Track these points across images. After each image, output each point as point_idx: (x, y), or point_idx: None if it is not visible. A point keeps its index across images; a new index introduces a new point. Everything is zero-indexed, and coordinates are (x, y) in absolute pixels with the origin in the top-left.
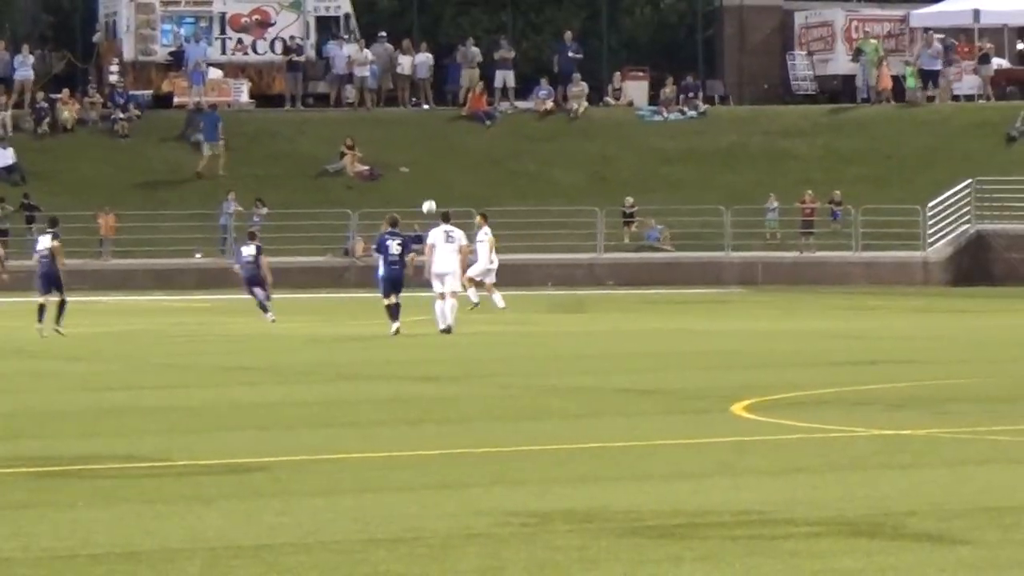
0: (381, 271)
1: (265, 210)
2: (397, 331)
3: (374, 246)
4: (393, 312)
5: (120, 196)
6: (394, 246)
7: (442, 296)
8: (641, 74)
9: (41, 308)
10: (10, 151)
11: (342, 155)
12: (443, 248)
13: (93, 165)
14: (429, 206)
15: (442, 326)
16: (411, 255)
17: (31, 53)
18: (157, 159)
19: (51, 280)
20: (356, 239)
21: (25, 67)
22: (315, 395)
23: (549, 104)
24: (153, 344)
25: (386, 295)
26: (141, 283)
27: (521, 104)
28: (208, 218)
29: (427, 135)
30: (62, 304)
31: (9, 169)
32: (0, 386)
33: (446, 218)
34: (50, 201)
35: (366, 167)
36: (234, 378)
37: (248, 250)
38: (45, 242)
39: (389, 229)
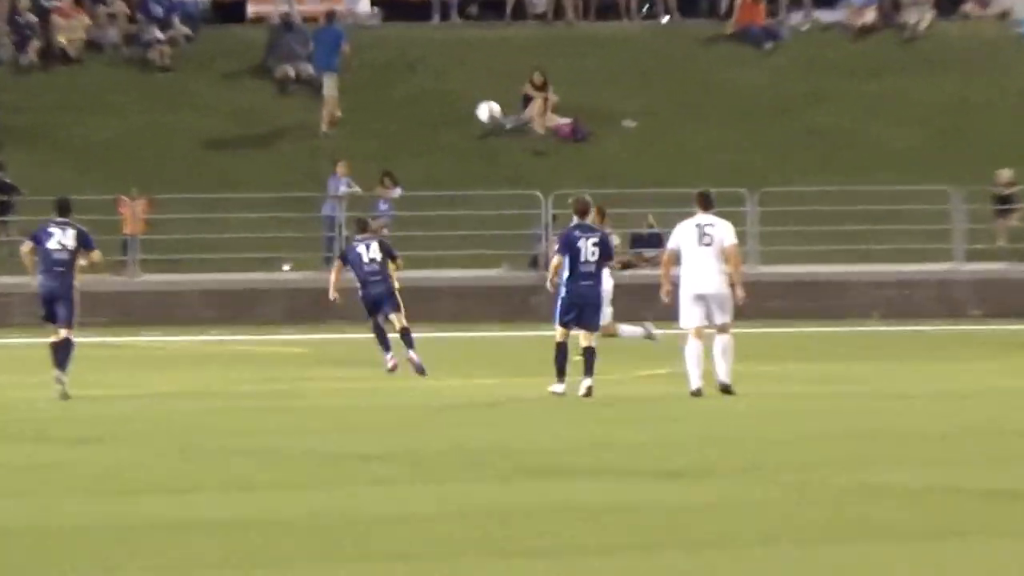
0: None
1: (398, 191)
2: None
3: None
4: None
5: (156, 169)
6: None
7: (698, 333)
8: None
9: (56, 347)
10: None
11: (526, 100)
12: (696, 253)
13: (111, 118)
14: (489, 109)
15: (721, 379)
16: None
17: None
18: (218, 107)
19: (61, 300)
20: (550, 240)
21: None
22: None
23: (870, 16)
24: (207, 419)
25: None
26: (191, 314)
27: (824, 15)
28: (302, 205)
29: (666, 66)
30: (67, 345)
31: None
32: None
33: (706, 203)
34: (36, 177)
35: (565, 120)
36: (366, 474)
37: (369, 251)
38: (63, 238)
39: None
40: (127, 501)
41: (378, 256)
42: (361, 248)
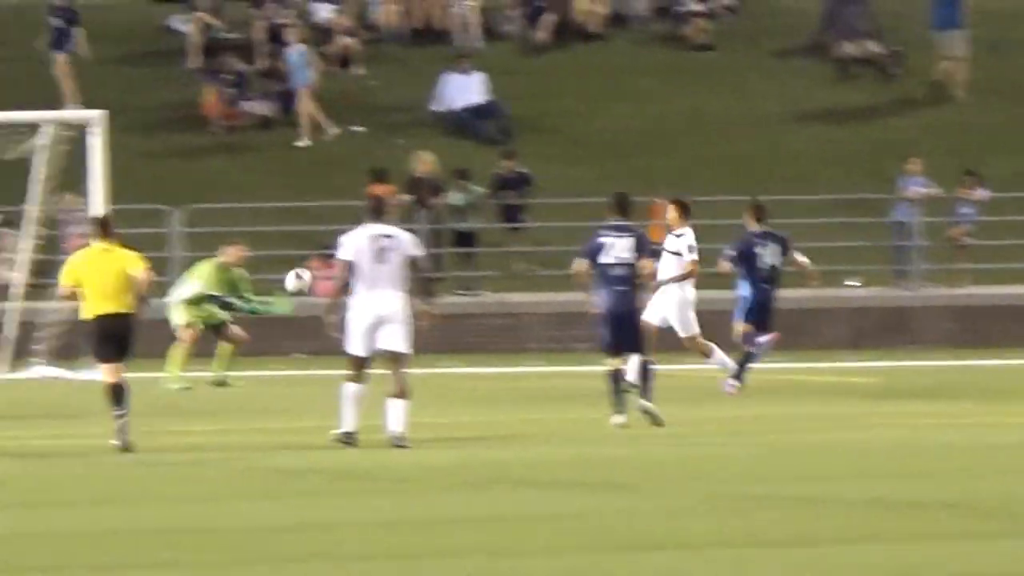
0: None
1: (986, 192)
2: None
3: None
4: None
5: (695, 167)
6: None
7: None
8: None
9: (614, 376)
10: (476, 79)
11: None
12: None
13: (640, 105)
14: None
15: None
16: None
17: None
18: (766, 92)
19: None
20: None
21: None
22: None
23: None
24: (753, 464)
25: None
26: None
27: None
28: (867, 209)
29: None
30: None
31: (480, 113)
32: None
33: None
34: (548, 174)
35: None
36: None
37: None
38: (623, 248)
39: None
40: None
41: None
42: None
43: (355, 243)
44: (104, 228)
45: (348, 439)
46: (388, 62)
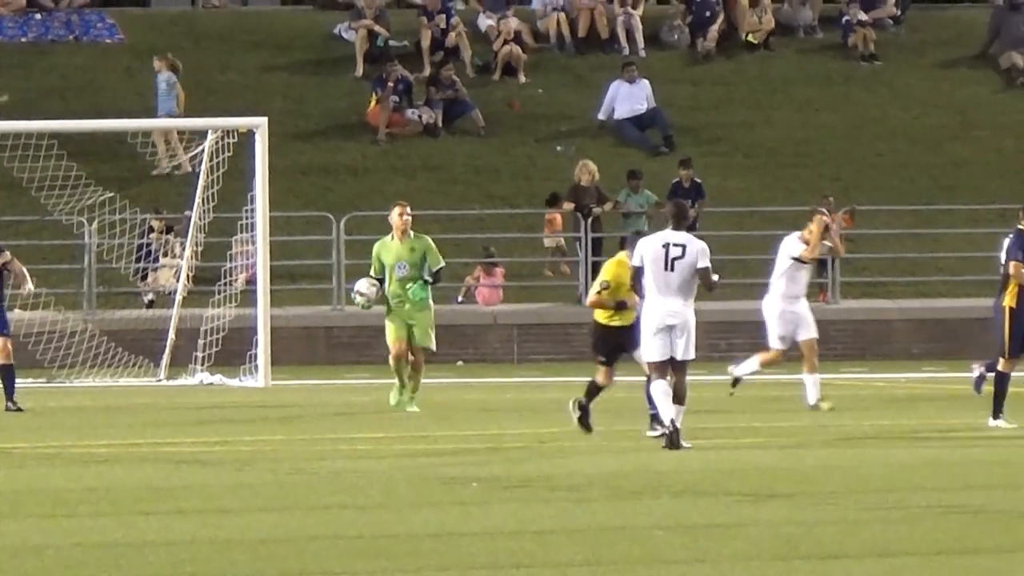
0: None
1: None
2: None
3: None
4: None
5: (860, 177)
6: None
7: None
8: None
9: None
10: (643, 87)
11: None
12: None
13: (805, 115)
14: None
15: None
16: None
17: None
18: (933, 102)
19: None
20: None
21: None
22: None
23: None
24: (911, 473)
25: None
26: (899, 347)
27: None
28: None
29: None
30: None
31: (641, 121)
32: (628, 551)
33: None
34: (713, 184)
35: None
36: None
37: None
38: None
39: None
40: (817, 569)
41: None
42: None
43: (645, 249)
44: None
45: (673, 429)
46: (553, 71)
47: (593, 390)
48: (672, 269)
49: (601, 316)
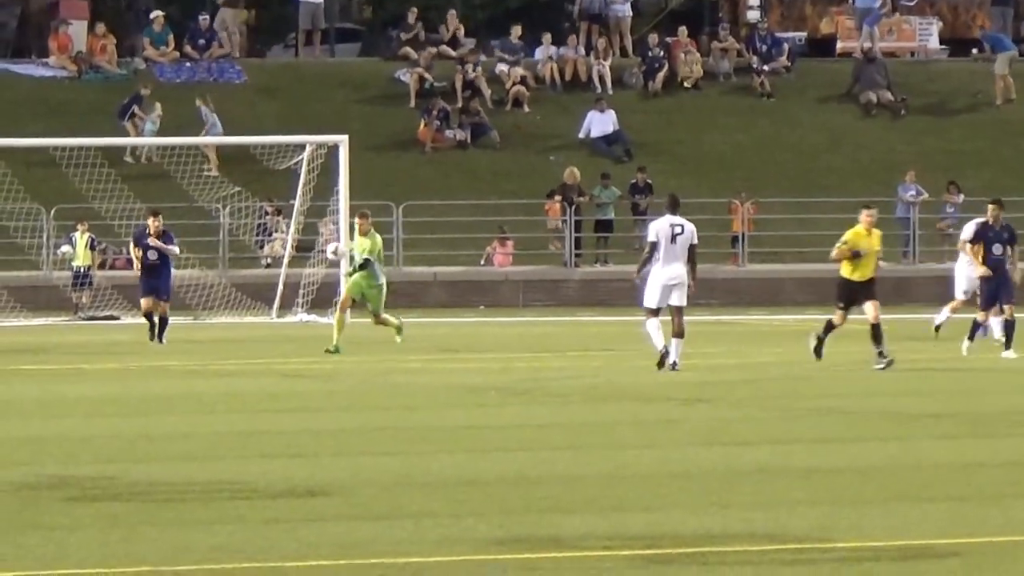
0: None
1: (961, 198)
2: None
3: None
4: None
5: (762, 178)
6: None
7: None
8: None
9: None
10: (610, 115)
11: None
12: None
13: (724, 135)
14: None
15: None
16: None
17: None
18: (813, 127)
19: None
20: None
21: (621, 2)
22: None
23: None
24: (807, 381)
25: None
26: (790, 297)
27: None
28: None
29: None
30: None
31: (609, 139)
32: (601, 439)
33: None
34: (664, 183)
35: None
36: (923, 430)
37: None
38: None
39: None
40: (733, 452)
41: None
42: None
43: (657, 228)
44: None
45: (665, 352)
46: (548, 104)
47: (829, 327)
48: (675, 242)
49: (845, 271)
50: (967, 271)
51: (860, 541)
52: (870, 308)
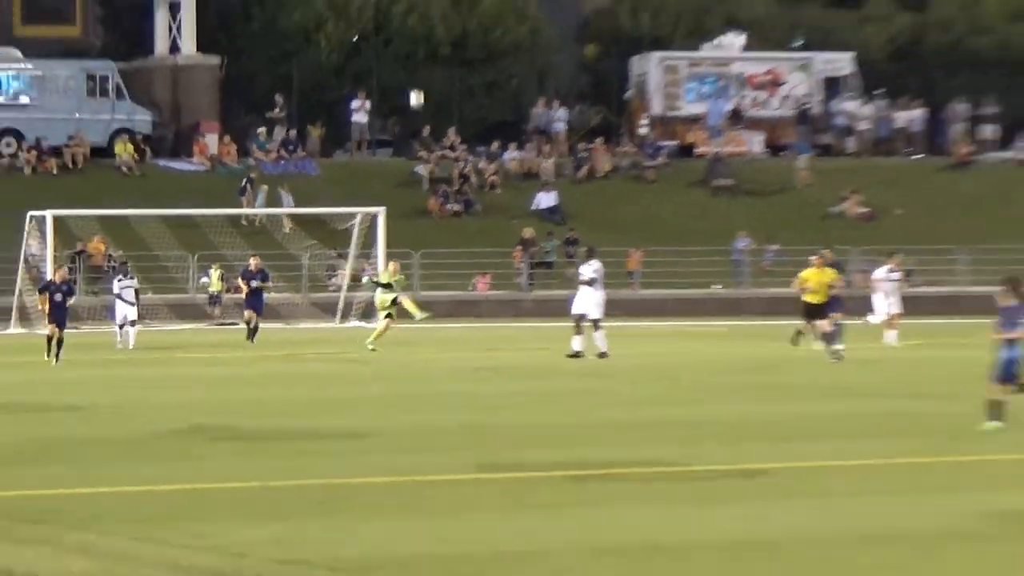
0: None
1: (777, 246)
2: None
3: None
4: None
5: (648, 234)
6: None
7: None
8: None
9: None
10: (553, 194)
11: (843, 199)
12: None
13: (625, 207)
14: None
15: None
16: None
17: (570, 108)
18: (681, 202)
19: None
20: (853, 275)
21: (560, 121)
22: (822, 411)
23: None
24: (685, 365)
25: None
26: (668, 310)
27: (1003, 155)
28: (723, 253)
29: (919, 182)
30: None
31: (552, 210)
32: (553, 401)
33: None
34: (587, 237)
35: (865, 209)
36: (756, 396)
37: None
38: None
39: None
40: (632, 409)
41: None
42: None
43: (583, 268)
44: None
45: (577, 354)
46: (510, 188)
47: (798, 333)
48: (594, 276)
49: (807, 296)
50: (883, 300)
51: (710, 465)
52: (824, 323)
